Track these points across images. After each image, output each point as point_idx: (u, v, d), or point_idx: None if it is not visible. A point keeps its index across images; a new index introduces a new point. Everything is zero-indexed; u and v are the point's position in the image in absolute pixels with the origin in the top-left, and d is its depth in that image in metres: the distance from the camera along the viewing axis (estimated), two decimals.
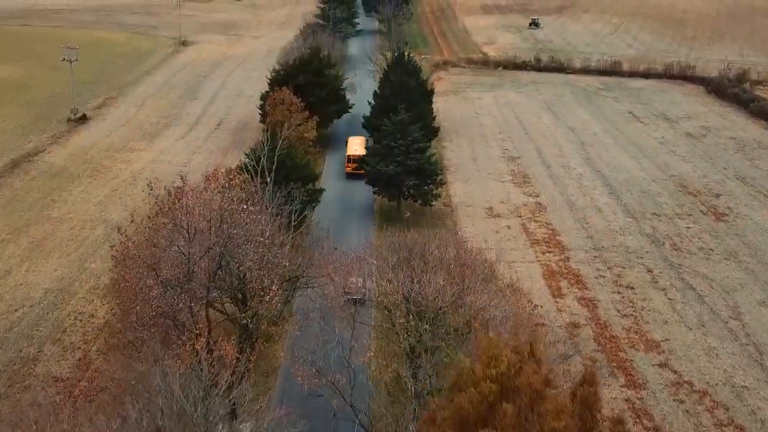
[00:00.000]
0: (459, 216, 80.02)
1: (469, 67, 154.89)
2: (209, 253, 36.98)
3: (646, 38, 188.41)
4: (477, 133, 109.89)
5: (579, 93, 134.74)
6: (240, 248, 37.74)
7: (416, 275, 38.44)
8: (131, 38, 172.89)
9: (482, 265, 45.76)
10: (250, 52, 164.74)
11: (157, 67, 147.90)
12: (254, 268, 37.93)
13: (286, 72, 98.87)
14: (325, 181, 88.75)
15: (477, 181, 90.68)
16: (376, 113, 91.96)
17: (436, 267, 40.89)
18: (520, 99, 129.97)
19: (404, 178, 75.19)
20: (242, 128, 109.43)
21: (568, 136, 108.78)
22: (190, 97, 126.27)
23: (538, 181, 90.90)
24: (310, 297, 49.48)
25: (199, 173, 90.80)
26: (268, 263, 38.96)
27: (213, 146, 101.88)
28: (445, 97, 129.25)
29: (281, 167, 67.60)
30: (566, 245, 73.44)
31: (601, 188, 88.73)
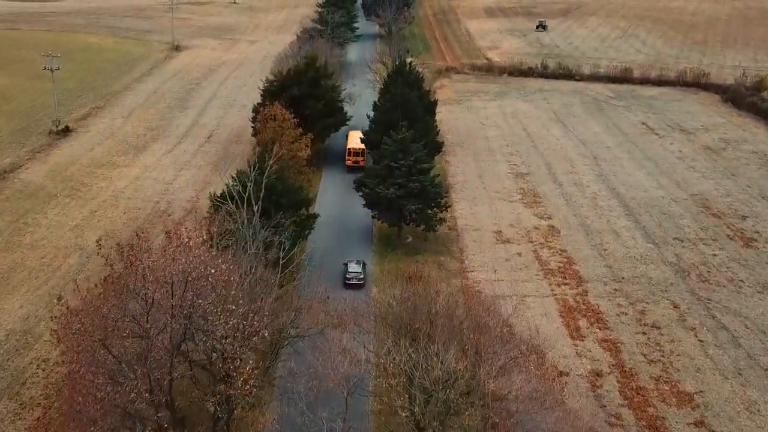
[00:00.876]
0: (465, 241, 73.71)
1: (473, 74, 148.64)
2: (171, 325, 30.68)
3: (655, 43, 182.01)
4: (483, 147, 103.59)
5: (589, 102, 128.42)
6: (208, 319, 31.45)
7: (421, 348, 32.09)
8: (122, 43, 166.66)
9: (498, 323, 39.24)
10: (245, 58, 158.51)
11: (148, 74, 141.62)
12: (226, 341, 31.58)
13: (279, 83, 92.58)
14: (320, 202, 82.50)
15: (484, 200, 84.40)
16: (376, 128, 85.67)
17: (444, 331, 34.47)
18: (527, 108, 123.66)
19: (406, 202, 68.90)
20: (234, 141, 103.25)
21: (580, 150, 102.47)
22: (180, 107, 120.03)
23: (549, 200, 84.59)
24: (295, 372, 41.75)
25: (185, 192, 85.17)
26: (242, 333, 32.58)
27: (202, 161, 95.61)
28: (449, 107, 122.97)
29: (271, 192, 61.43)
30: (583, 276, 67.12)
31: (617, 209, 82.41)
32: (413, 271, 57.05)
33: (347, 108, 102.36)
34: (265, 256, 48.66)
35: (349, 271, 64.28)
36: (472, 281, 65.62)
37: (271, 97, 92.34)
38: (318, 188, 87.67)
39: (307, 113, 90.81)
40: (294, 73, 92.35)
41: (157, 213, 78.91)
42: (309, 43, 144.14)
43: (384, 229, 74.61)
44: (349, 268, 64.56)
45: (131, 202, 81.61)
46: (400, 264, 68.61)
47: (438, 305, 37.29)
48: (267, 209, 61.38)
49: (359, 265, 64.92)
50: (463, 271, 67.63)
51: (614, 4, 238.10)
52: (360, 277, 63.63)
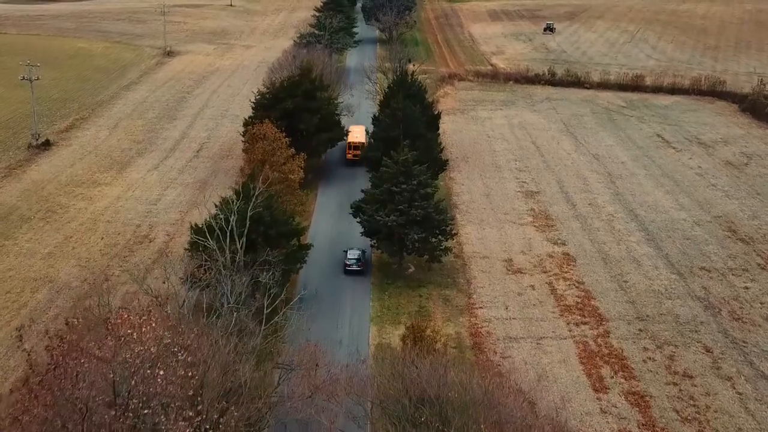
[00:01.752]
0: (473, 271, 67.39)
1: (477, 81, 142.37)
2: None
3: (666, 48, 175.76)
4: (489, 162, 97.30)
5: (600, 112, 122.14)
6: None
7: None
8: (112, 48, 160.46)
9: (518, 404, 32.84)
10: (239, 64, 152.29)
11: (137, 82, 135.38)
12: None
13: (272, 95, 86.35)
14: (315, 226, 76.29)
15: (492, 223, 78.12)
16: (375, 145, 79.43)
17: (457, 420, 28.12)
18: (535, 119, 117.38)
19: (408, 231, 62.59)
20: (225, 155, 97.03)
21: (593, 166, 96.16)
22: (169, 118, 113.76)
23: (563, 223, 78.30)
24: None
25: (169, 214, 78.88)
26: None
27: (189, 178, 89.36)
28: (452, 117, 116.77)
29: (258, 222, 55.29)
30: (603, 313, 60.80)
31: (637, 233, 76.12)
32: (416, 320, 50.69)
33: (345, 120, 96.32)
34: (247, 306, 42.39)
35: (349, 257, 65.84)
36: (482, 320, 59.34)
37: (263, 110, 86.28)
38: (313, 208, 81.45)
39: (301, 128, 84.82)
40: (288, 85, 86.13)
41: (138, 238, 72.68)
42: (306, 48, 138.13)
43: (384, 258, 68.27)
44: (349, 254, 66.04)
45: (110, 226, 75.35)
46: (402, 299, 62.38)
47: (448, 389, 30.89)
48: (254, 241, 55.41)
49: (358, 251, 66.52)
50: (471, 307, 61.34)
51: (621, 7, 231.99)
52: (360, 264, 64.94)
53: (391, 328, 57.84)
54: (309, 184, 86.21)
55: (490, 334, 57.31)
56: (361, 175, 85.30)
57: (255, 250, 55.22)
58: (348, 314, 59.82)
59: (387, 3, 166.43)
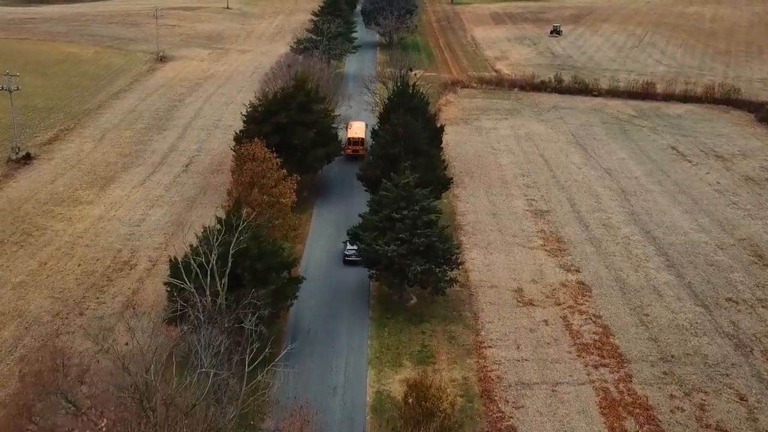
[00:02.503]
0: (480, 303, 61.99)
1: (481, 88, 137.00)
2: None
3: (675, 53, 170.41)
4: (495, 177, 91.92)
5: (610, 122, 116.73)
6: None
7: None
8: (103, 53, 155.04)
9: None
10: (234, 70, 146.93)
11: (127, 90, 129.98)
12: None
13: (265, 108, 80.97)
14: (309, 251, 70.88)
15: (500, 246, 72.73)
16: (374, 163, 74.07)
17: None
18: (542, 130, 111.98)
19: (410, 262, 57.19)
20: (215, 170, 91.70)
21: (605, 182, 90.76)
22: (159, 129, 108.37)
23: (575, 247, 72.91)
24: None
25: (153, 237, 73.45)
26: None
27: (177, 196, 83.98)
28: (456, 127, 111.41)
29: (244, 257, 49.98)
30: (624, 353, 55.41)
31: (655, 259, 70.72)
32: (418, 374, 45.17)
33: (342, 134, 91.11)
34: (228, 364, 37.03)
35: (348, 248, 66.74)
36: (491, 361, 53.95)
37: (255, 124, 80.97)
38: (308, 230, 76.07)
39: (295, 143, 79.48)
40: (281, 97, 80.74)
41: (118, 265, 67.30)
42: (303, 54, 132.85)
43: (383, 287, 62.88)
44: (348, 246, 66.80)
45: (89, 251, 69.97)
46: (403, 337, 57.00)
47: None
48: (239, 277, 50.13)
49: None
50: (479, 346, 55.93)
51: (627, 10, 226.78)
52: (359, 255, 63.05)
53: (391, 372, 52.52)
54: (304, 203, 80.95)
55: (501, 378, 51.93)
56: (360, 193, 79.93)
57: (241, 286, 50.09)
58: (344, 354, 54.47)
59: (387, 6, 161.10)
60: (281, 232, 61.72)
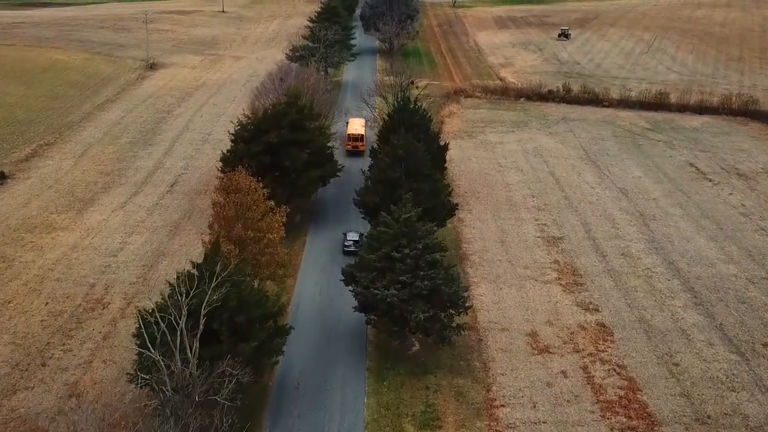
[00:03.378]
0: (491, 350, 55.66)
1: (485, 98, 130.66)
2: None
3: (686, 59, 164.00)
4: (503, 198, 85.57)
5: (623, 135, 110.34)
6: None
7: None
8: (91, 60, 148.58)
9: None
10: (228, 78, 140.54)
11: (113, 100, 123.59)
12: None
13: (254, 126, 74.65)
14: (299, 287, 64.48)
15: (510, 280, 66.40)
16: (373, 188, 67.68)
17: None
18: (551, 144, 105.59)
19: (412, 307, 50.85)
20: (202, 190, 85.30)
21: (621, 204, 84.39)
22: (145, 144, 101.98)
23: (593, 281, 66.55)
24: None
25: (130, 269, 67.05)
26: None
27: (159, 221, 77.61)
28: (459, 142, 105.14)
29: (222, 309, 43.65)
30: (654, 412, 49.09)
31: (681, 295, 64.36)
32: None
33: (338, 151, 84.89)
34: None
35: (348, 239, 70.26)
36: (504, 424, 47.64)
37: (244, 143, 74.70)
38: (300, 260, 69.72)
39: (287, 164, 73.21)
40: (272, 114, 74.40)
41: (89, 304, 60.97)
42: (300, 63, 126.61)
43: (382, 333, 56.50)
44: (348, 237, 70.59)
45: (59, 287, 63.63)
46: (404, 393, 50.67)
47: None
48: (216, 333, 43.84)
49: (357, 234, 70.38)
50: (491, 405, 49.58)
51: (634, 13, 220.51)
52: (358, 245, 66.34)
53: None
54: (296, 229, 74.81)
55: None
56: (358, 217, 73.55)
57: (218, 342, 43.82)
58: (336, 417, 48.11)
59: (387, 11, 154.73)
60: (268, 271, 55.34)
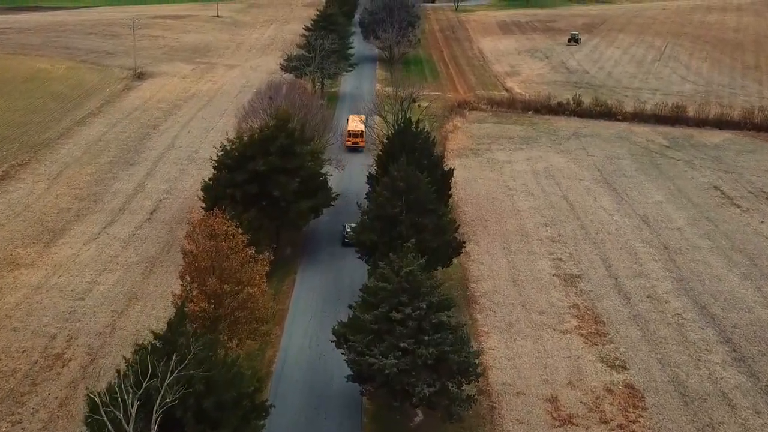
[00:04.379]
0: (505, 422, 48.28)
1: (491, 111, 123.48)
2: None
3: (701, 68, 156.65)
4: (513, 227, 78.23)
5: (639, 153, 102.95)
6: None
7: None
8: (75, 70, 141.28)
9: None
10: (219, 89, 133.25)
11: (96, 114, 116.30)
12: None
13: (239, 153, 67.29)
14: (287, 340, 57.07)
15: (525, 329, 59.04)
16: (370, 224, 60.23)
17: None
18: (563, 163, 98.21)
19: (415, 380, 43.44)
20: (184, 219, 77.76)
21: (643, 234, 77.02)
22: (126, 163, 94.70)
23: (618, 330, 59.18)
24: None
25: (98, 317, 59.58)
26: None
27: (135, 255, 70.29)
28: (464, 160, 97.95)
29: (187, 393, 36.25)
30: None
31: (718, 348, 56.98)
32: None
33: (332, 174, 77.54)
34: None
35: (347, 231, 69.19)
36: None
37: (228, 171, 67.38)
38: (288, 305, 62.38)
39: (276, 195, 65.87)
40: (258, 139, 67.05)
41: (47, 361, 53.64)
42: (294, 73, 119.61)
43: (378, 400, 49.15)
44: (347, 228, 69.56)
45: (15, 338, 56.31)
46: None
47: None
48: (179, 422, 36.48)
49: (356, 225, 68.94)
50: None
51: (643, 18, 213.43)
52: None
53: None
54: (285, 265, 67.80)
55: None
56: (354, 257, 66.04)
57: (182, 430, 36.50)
58: None
59: (387, 18, 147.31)
60: (247, 328, 47.99)
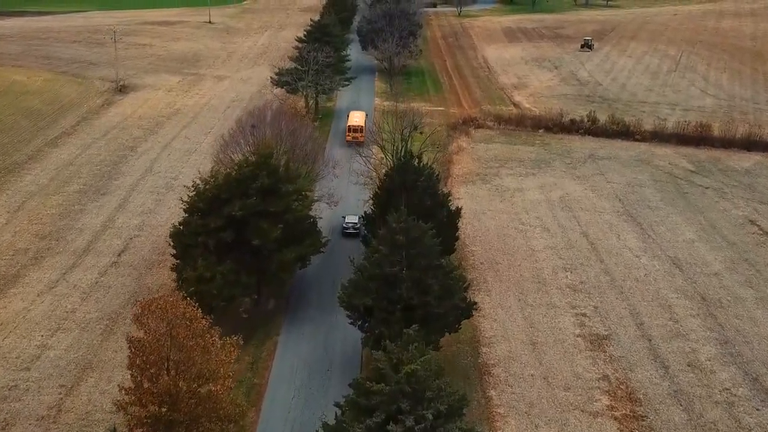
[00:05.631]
0: None
1: (498, 129, 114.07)
2: None
3: (720, 79, 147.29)
4: (528, 272, 68.98)
5: (663, 180, 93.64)
6: None
7: None
8: (54, 82, 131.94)
9: None
10: (206, 104, 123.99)
11: (71, 133, 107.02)
12: None
13: (212, 194, 58.01)
14: (264, 424, 47.86)
15: (548, 411, 49.85)
16: (363, 284, 50.90)
17: None
18: (580, 192, 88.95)
19: None
20: (155, 262, 68.89)
21: (676, 281, 67.76)
22: (97, 192, 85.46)
23: (657, 411, 49.96)
24: None
25: (43, 395, 50.27)
26: None
27: (95, 310, 61.07)
28: (471, 188, 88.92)
29: None
30: None
31: None
32: None
33: (324, 214, 68.27)
34: None
35: (346, 222, 71.53)
36: None
37: (200, 216, 58.16)
38: (268, 376, 53.29)
39: (255, 245, 56.66)
40: (235, 179, 57.81)
41: None
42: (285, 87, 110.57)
43: None
44: (347, 219, 71.71)
45: None
46: None
47: None
48: None
49: (355, 217, 71.45)
50: None
51: (654, 24, 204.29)
52: (356, 227, 70.39)
53: None
54: (266, 323, 59.18)
55: None
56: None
57: None
58: None
59: (387, 27, 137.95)
60: (210, 427, 38.76)
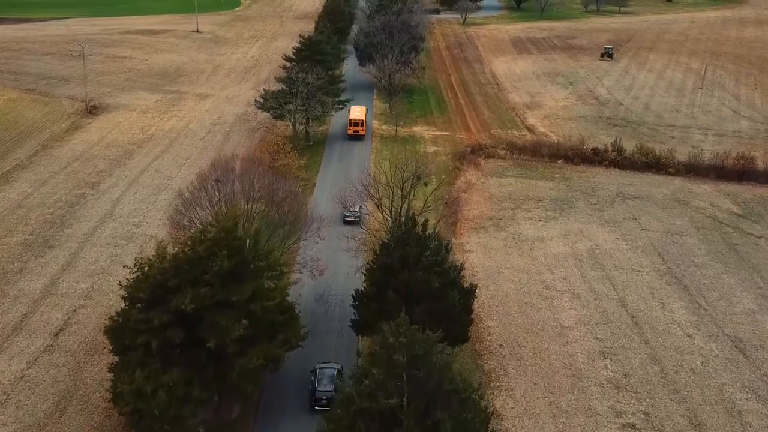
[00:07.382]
0: None
1: (511, 159, 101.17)
2: None
3: (753, 98, 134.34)
4: (559, 362, 55.87)
5: (707, 227, 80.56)
6: None
7: None
8: (17, 102, 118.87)
9: None
10: (184, 128, 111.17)
11: (25, 166, 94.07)
12: None
13: (157, 281, 44.90)
14: None
15: None
16: (354, 422, 37.75)
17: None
18: (611, 243, 75.94)
19: None
20: (98, 346, 55.83)
21: (742, 374, 54.70)
22: (43, 245, 72.54)
23: None
24: None
25: None
26: None
27: (13, 421, 48.14)
28: (484, 236, 76.16)
29: None
30: None
31: None
32: None
33: (305, 296, 55.16)
34: None
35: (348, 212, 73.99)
36: None
37: (144, 309, 45.12)
38: None
39: (211, 348, 43.60)
40: (185, 260, 44.71)
41: None
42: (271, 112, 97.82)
43: None
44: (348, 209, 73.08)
45: None
46: None
47: None
48: None
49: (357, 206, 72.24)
50: None
51: (673, 33, 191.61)
52: (357, 215, 74.20)
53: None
54: None
55: None
56: None
57: None
58: None
59: (387, 41, 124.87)
60: None
